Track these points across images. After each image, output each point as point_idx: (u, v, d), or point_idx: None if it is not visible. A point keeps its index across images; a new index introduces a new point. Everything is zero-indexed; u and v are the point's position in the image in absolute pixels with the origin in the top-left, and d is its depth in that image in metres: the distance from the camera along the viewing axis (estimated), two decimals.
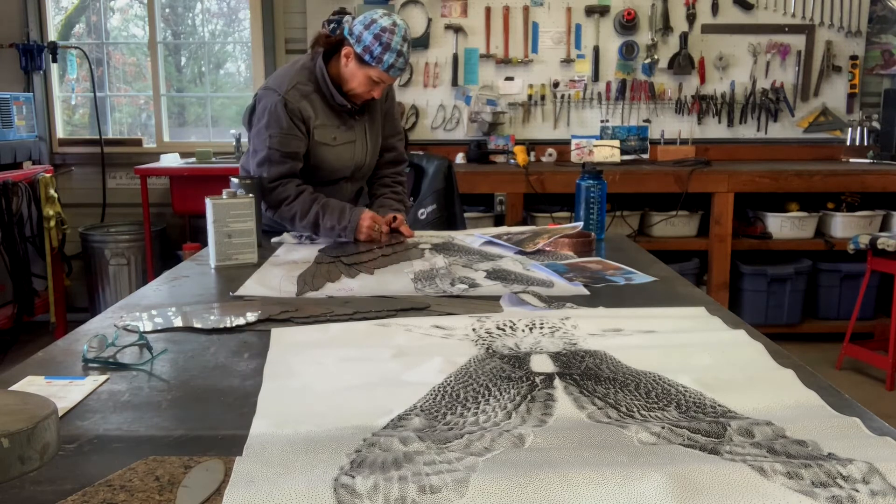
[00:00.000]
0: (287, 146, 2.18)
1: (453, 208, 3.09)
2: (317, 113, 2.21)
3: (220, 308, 1.44)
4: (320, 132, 2.22)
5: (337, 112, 2.25)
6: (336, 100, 2.21)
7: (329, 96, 2.22)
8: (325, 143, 2.24)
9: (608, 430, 0.86)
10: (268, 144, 2.17)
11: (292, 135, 2.18)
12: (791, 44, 4.56)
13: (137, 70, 4.94)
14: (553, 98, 4.59)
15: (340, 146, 2.27)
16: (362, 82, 2.17)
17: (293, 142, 2.18)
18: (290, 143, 2.18)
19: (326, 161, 2.27)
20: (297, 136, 2.19)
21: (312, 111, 2.20)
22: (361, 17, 2.13)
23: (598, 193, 2.27)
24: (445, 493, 0.71)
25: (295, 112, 2.16)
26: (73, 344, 1.23)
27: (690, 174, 3.99)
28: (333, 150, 2.26)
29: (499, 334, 1.23)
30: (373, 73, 2.14)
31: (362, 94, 2.20)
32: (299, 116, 2.17)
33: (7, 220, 3.94)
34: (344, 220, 2.15)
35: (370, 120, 2.35)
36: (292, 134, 2.18)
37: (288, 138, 2.17)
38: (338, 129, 2.25)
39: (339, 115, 2.26)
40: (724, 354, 1.14)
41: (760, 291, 4.16)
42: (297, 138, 2.19)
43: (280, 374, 1.07)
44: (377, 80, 2.16)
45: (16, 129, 4.18)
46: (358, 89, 2.19)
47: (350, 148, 2.30)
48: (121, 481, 0.75)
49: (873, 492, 0.71)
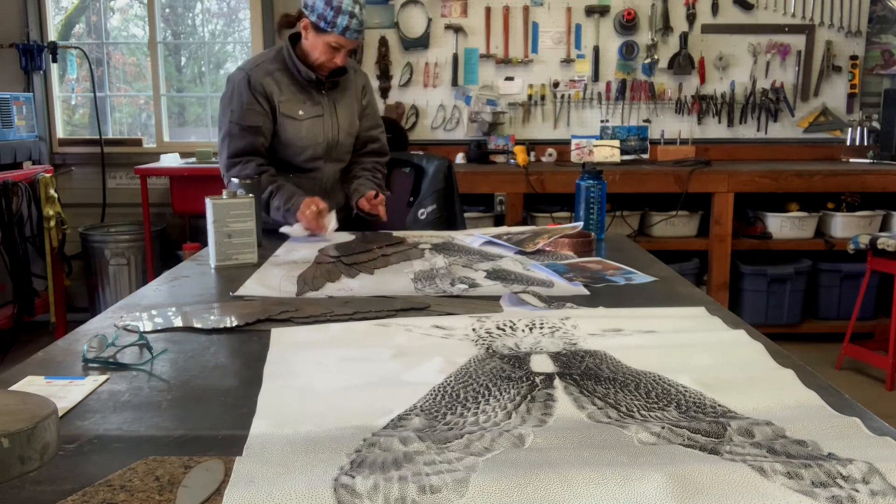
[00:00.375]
0: (246, 119, 2.22)
1: (453, 208, 3.09)
2: (281, 88, 2.26)
3: (220, 308, 1.44)
4: (286, 106, 2.27)
5: (303, 88, 2.30)
6: (302, 73, 2.26)
7: (295, 72, 2.27)
8: (291, 117, 2.28)
9: (608, 430, 0.86)
10: (228, 119, 2.23)
11: (253, 109, 2.22)
12: (791, 44, 4.56)
13: (137, 70, 4.94)
14: (553, 98, 4.59)
15: (308, 120, 2.31)
16: (323, 51, 2.21)
17: (252, 116, 2.23)
18: (249, 116, 2.22)
19: (294, 137, 2.31)
20: (257, 111, 2.23)
21: (276, 86, 2.25)
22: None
23: (598, 193, 2.27)
24: (445, 493, 0.71)
25: (257, 87, 2.21)
26: (73, 344, 1.23)
27: (690, 174, 3.99)
28: (302, 125, 2.30)
29: (499, 334, 1.23)
30: (330, 38, 2.18)
31: (325, 62, 2.24)
32: (262, 92, 2.22)
33: (7, 220, 3.94)
34: (289, 202, 2.23)
35: (341, 99, 2.39)
36: (252, 109, 2.22)
37: (248, 112, 2.22)
38: (304, 104, 2.30)
39: (306, 91, 2.30)
40: (724, 354, 1.14)
41: (760, 291, 4.16)
42: (257, 112, 2.23)
43: (280, 374, 1.07)
44: (335, 44, 2.20)
45: (16, 129, 4.18)
46: (320, 58, 2.23)
47: (319, 123, 2.33)
48: (121, 481, 0.75)
49: (873, 492, 0.71)
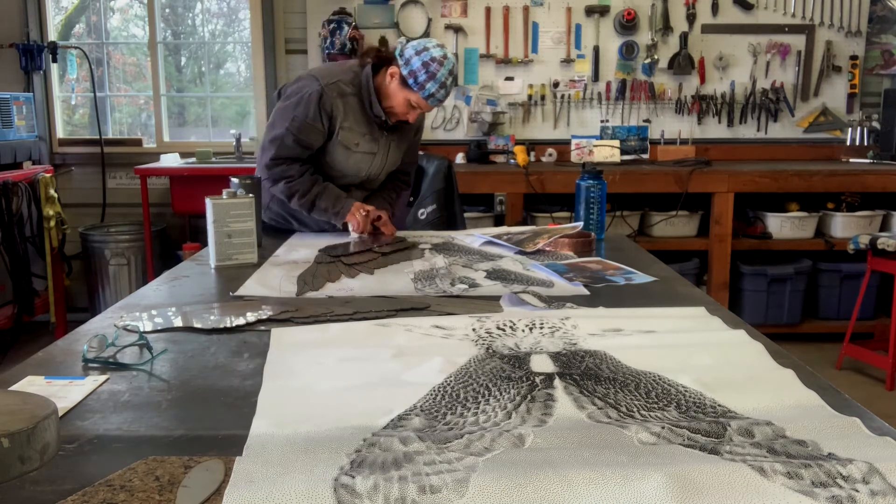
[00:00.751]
0: (303, 133, 2.21)
1: (453, 208, 3.09)
2: (347, 114, 2.23)
3: (220, 308, 1.44)
4: (345, 134, 2.25)
5: (368, 121, 2.28)
6: (374, 109, 2.24)
7: (368, 104, 2.25)
8: (346, 146, 2.27)
9: (608, 430, 0.86)
10: (287, 126, 2.20)
11: (314, 126, 2.20)
12: (791, 44, 4.56)
13: (137, 70, 4.94)
14: (553, 98, 4.59)
15: (360, 154, 2.30)
16: (401, 103, 2.21)
17: (312, 134, 2.22)
18: (309, 134, 2.21)
19: (341, 163, 2.30)
20: (317, 130, 2.21)
21: (343, 111, 2.22)
22: (415, 42, 2.17)
23: (598, 193, 2.27)
24: (445, 493, 0.71)
25: (326, 106, 2.19)
26: (73, 344, 1.23)
27: (690, 174, 3.99)
28: (352, 156, 2.29)
29: (499, 334, 1.23)
30: (413, 97, 2.18)
31: (398, 114, 2.24)
32: (329, 112, 2.20)
33: (7, 220, 3.94)
34: (338, 205, 2.23)
35: (397, 140, 2.39)
36: (314, 127, 2.21)
37: (308, 128, 2.20)
38: (363, 137, 2.28)
39: (369, 125, 2.28)
40: (724, 354, 1.14)
41: (760, 291, 4.16)
42: (316, 131, 2.22)
43: (280, 374, 1.07)
44: (415, 105, 2.20)
45: (16, 129, 4.17)
46: (396, 108, 2.23)
47: (369, 158, 2.33)
48: (121, 481, 0.75)
49: (873, 492, 0.71)
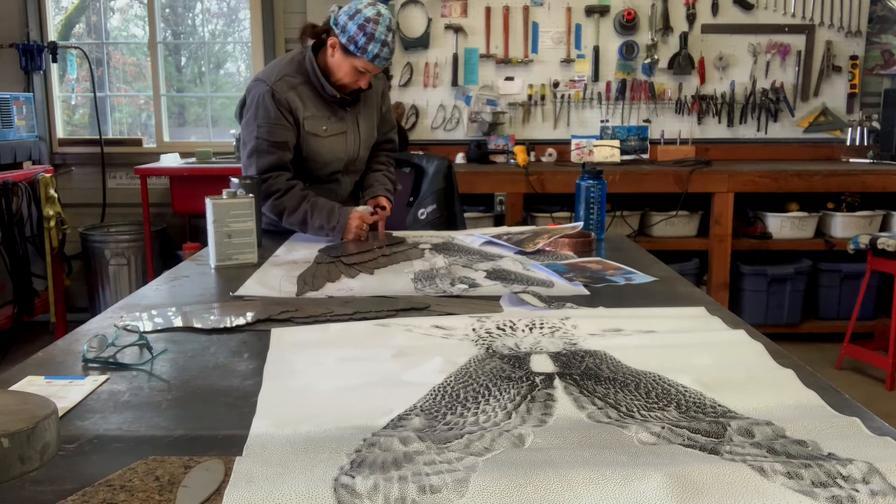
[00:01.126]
0: (274, 136, 2.18)
1: (453, 208, 3.09)
2: (305, 104, 2.21)
3: (220, 308, 1.44)
4: (310, 123, 2.23)
5: (327, 103, 2.25)
6: (326, 90, 2.22)
7: (319, 87, 2.22)
8: (315, 134, 2.25)
9: (608, 430, 0.86)
10: (256, 135, 2.18)
11: (280, 124, 2.18)
12: (791, 44, 4.56)
13: (137, 70, 4.94)
14: (553, 98, 4.59)
15: (331, 137, 2.28)
16: (348, 72, 2.17)
17: (280, 131, 2.19)
18: (278, 132, 2.19)
19: (318, 153, 2.27)
20: (284, 126, 2.19)
21: (300, 102, 2.20)
22: (346, 7, 2.13)
23: (598, 193, 2.27)
24: (445, 493, 0.71)
25: (282, 102, 2.17)
26: (73, 344, 1.23)
27: (690, 174, 3.99)
28: (324, 142, 2.27)
29: (499, 334, 1.23)
30: (358, 63, 2.14)
31: (349, 83, 2.21)
32: (287, 107, 2.18)
33: (7, 220, 3.94)
34: (333, 220, 2.16)
35: (362, 112, 2.36)
36: (280, 124, 2.18)
37: (276, 128, 2.18)
38: (328, 121, 2.26)
39: (330, 107, 2.26)
40: (724, 354, 1.14)
41: (760, 291, 4.16)
42: (284, 128, 2.19)
43: (280, 374, 1.07)
44: (363, 69, 2.16)
45: (16, 129, 4.17)
46: (344, 79, 2.19)
47: (341, 139, 2.30)
48: (121, 481, 0.75)
49: (873, 492, 0.71)
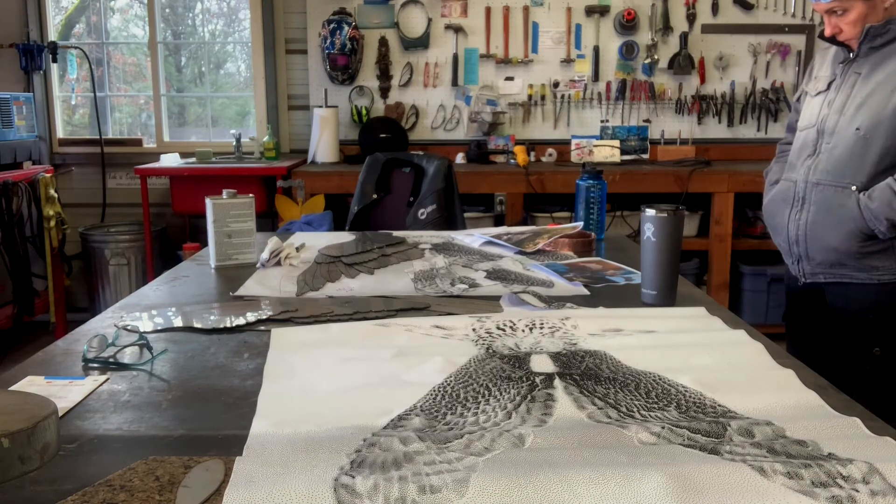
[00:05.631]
0: None
1: (453, 208, 3.09)
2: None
3: (220, 308, 1.44)
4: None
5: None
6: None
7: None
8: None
9: (608, 430, 0.86)
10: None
11: None
12: (791, 44, 4.56)
13: (137, 70, 4.94)
14: (553, 98, 4.59)
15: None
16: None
17: None
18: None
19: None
20: None
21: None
22: None
23: (598, 193, 2.27)
24: (445, 493, 0.71)
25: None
26: (73, 344, 1.23)
27: (690, 174, 3.99)
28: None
29: (499, 334, 1.23)
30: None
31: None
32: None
33: (7, 220, 3.94)
34: None
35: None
36: None
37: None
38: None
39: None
40: (724, 354, 1.14)
41: (760, 291, 4.16)
42: None
43: (280, 374, 1.07)
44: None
45: (16, 129, 4.17)
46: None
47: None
48: (121, 481, 0.75)
49: (873, 492, 0.71)
